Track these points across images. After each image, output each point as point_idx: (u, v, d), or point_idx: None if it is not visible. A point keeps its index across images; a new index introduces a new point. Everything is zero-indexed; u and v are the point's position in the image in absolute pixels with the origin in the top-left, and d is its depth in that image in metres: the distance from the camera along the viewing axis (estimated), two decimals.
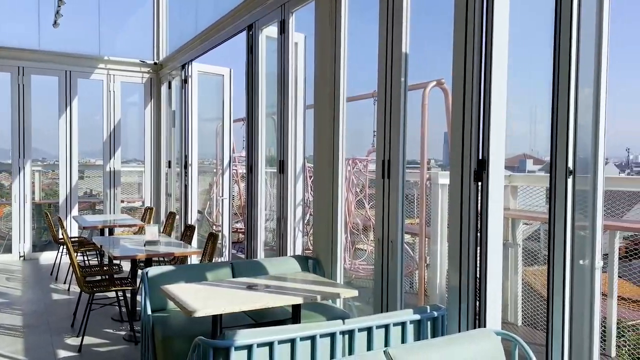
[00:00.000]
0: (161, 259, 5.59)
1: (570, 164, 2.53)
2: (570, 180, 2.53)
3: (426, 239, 4.91)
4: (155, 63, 9.08)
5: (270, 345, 2.40)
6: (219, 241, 6.97)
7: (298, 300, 3.13)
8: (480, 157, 2.83)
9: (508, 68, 2.84)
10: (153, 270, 3.78)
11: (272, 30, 5.19)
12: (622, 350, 5.24)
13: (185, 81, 7.48)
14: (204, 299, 3.03)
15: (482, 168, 2.82)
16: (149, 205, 8.78)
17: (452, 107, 2.99)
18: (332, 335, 2.57)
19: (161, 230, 6.80)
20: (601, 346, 4.32)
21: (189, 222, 7.31)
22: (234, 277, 3.93)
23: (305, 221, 5.63)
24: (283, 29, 4.82)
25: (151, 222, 7.21)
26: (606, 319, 4.28)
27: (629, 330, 5.62)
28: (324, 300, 3.81)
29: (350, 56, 4.10)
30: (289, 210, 4.88)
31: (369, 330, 2.66)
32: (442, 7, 2.97)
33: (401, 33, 3.36)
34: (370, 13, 3.75)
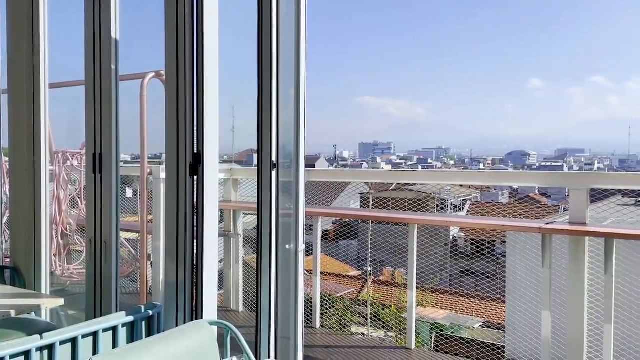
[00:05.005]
0: None
1: (274, 158, 2.76)
2: (274, 173, 2.76)
3: (149, 235, 4.74)
4: None
5: None
6: None
7: None
8: (195, 151, 2.84)
9: (233, 68, 2.93)
10: None
11: None
12: (332, 319, 6.06)
13: None
14: None
15: (197, 162, 2.85)
16: None
17: (167, 100, 2.93)
18: (27, 354, 2.22)
19: None
20: (308, 319, 4.89)
21: None
22: None
23: (5, 224, 4.80)
24: None
25: None
26: (312, 295, 4.85)
27: (337, 301, 6.55)
28: (25, 315, 3.31)
29: (57, 36, 3.64)
30: None
31: (73, 341, 2.40)
32: None
33: (110, 16, 3.12)
34: None
